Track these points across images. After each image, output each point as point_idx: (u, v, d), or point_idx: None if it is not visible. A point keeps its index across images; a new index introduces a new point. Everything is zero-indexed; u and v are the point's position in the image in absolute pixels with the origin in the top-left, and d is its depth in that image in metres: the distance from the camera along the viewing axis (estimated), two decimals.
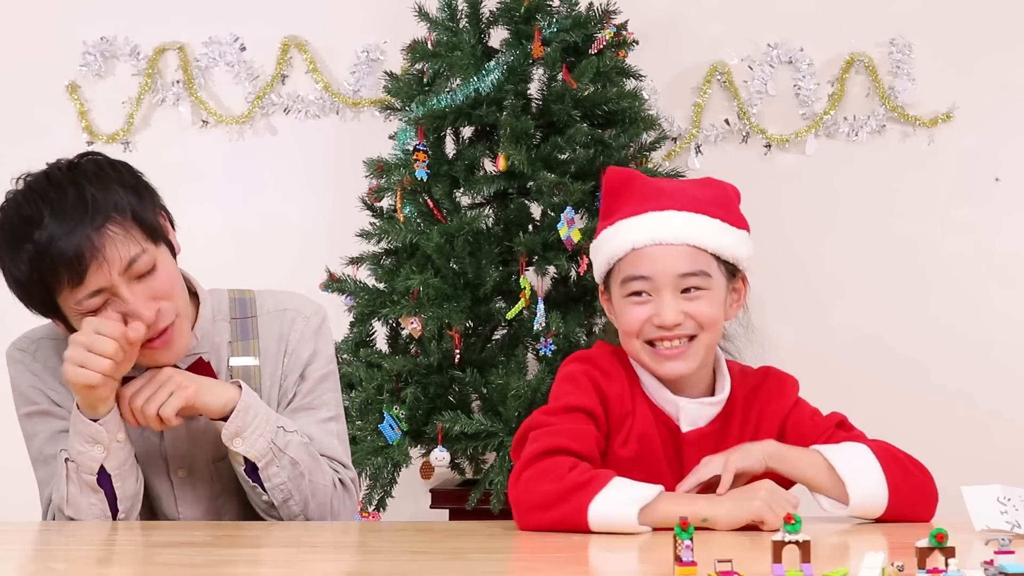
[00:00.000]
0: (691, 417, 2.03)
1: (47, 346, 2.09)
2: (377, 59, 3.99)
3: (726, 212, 2.05)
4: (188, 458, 2.07)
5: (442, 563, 1.64)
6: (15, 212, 1.97)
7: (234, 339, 2.09)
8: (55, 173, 2.02)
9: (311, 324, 2.14)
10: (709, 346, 2.02)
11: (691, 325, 1.99)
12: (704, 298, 1.99)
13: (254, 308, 2.13)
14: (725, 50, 3.97)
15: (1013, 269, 3.89)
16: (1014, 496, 1.77)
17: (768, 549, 1.39)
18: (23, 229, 1.92)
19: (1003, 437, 3.82)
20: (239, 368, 2.07)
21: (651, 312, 1.99)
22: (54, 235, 1.88)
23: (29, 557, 1.76)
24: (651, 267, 1.99)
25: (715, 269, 2.01)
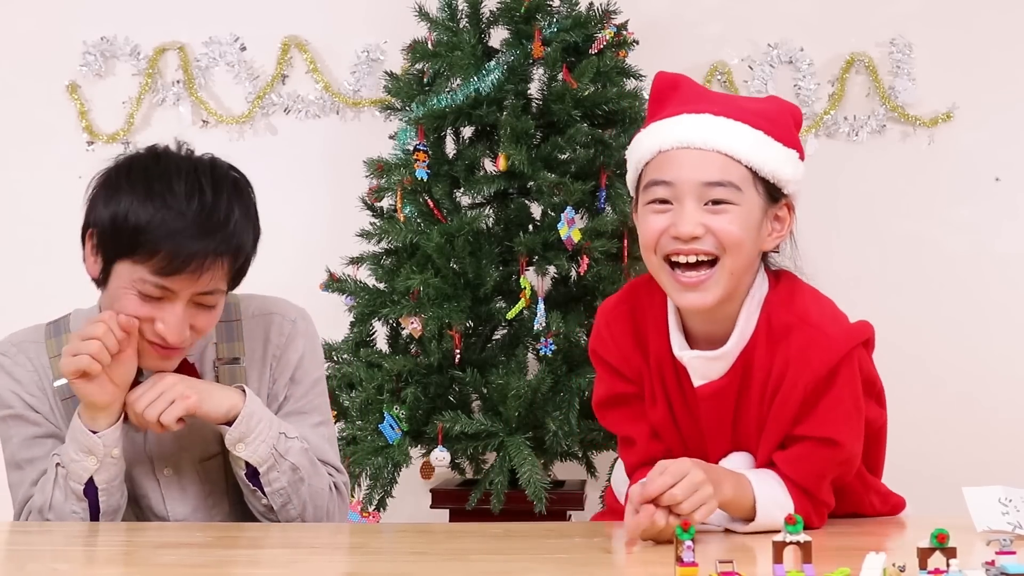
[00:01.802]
0: (700, 371, 1.87)
1: (28, 349, 2.09)
2: (377, 59, 3.99)
3: (773, 126, 1.86)
4: (174, 457, 2.07)
5: (443, 564, 1.64)
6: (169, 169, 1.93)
7: (219, 340, 2.10)
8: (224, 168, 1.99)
9: (297, 327, 2.13)
10: (734, 274, 1.81)
11: (711, 242, 1.79)
12: (731, 213, 1.80)
13: (238, 312, 2.12)
14: (725, 50, 3.97)
15: (1013, 269, 3.89)
16: (1015, 497, 1.77)
17: (769, 550, 1.39)
18: (165, 190, 1.89)
19: (1004, 438, 3.82)
20: (225, 369, 2.08)
21: (670, 222, 1.80)
22: (186, 224, 1.88)
23: (31, 557, 1.76)
24: (675, 172, 1.80)
25: (749, 185, 1.81)
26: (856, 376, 1.88)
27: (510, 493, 3.15)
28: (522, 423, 3.20)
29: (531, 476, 3.08)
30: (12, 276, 4.02)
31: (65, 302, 2.23)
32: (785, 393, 1.84)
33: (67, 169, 4.06)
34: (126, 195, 1.91)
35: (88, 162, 4.02)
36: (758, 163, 1.82)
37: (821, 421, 1.85)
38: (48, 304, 2.20)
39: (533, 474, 3.08)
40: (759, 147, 1.83)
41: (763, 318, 1.87)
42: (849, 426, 1.88)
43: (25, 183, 4.04)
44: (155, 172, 1.92)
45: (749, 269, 1.86)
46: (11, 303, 4.00)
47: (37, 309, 4.16)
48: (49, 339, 2.10)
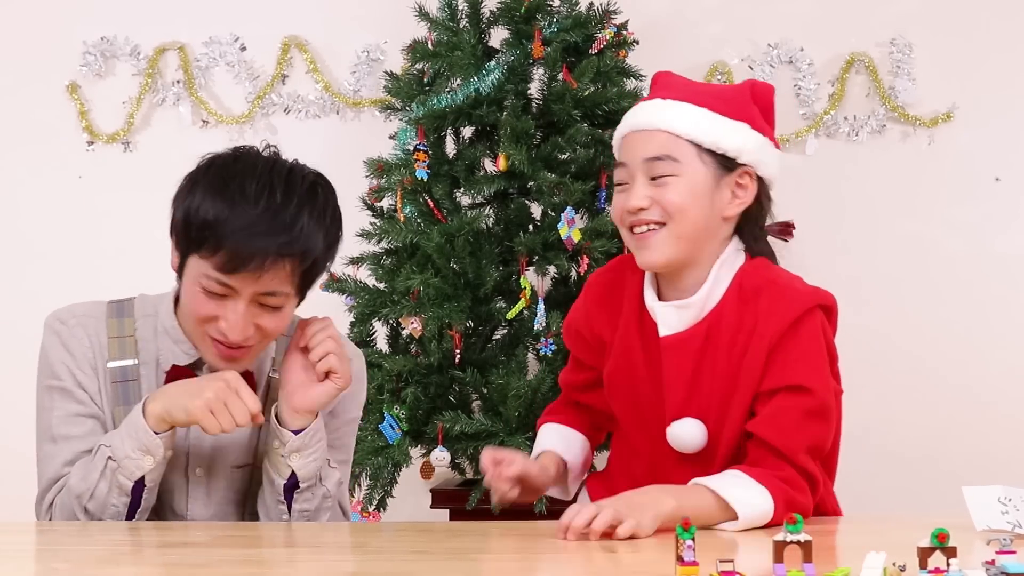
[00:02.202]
0: (667, 321, 1.99)
1: (87, 324, 2.07)
2: (377, 59, 3.99)
3: (721, 103, 2.00)
4: (207, 459, 2.07)
5: (443, 563, 1.64)
6: (245, 169, 1.95)
7: (278, 354, 2.10)
8: (303, 171, 2.03)
9: (354, 365, 2.13)
10: (682, 238, 1.96)
11: (657, 211, 1.96)
12: (672, 184, 1.96)
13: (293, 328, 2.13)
14: (725, 50, 3.97)
15: (1013, 269, 3.89)
16: (1015, 496, 1.77)
17: (770, 549, 1.39)
18: (237, 189, 1.91)
19: (1005, 437, 3.82)
20: (276, 381, 2.08)
21: (627, 198, 1.99)
22: (250, 223, 1.89)
23: (30, 557, 1.76)
24: (627, 154, 2.00)
25: (692, 157, 1.96)
26: (819, 330, 1.99)
27: None
28: (522, 423, 3.20)
29: None
30: (12, 276, 4.02)
31: (65, 302, 2.23)
32: (754, 348, 1.94)
33: (67, 169, 4.07)
34: (201, 191, 1.94)
35: (88, 162, 4.06)
36: (699, 136, 1.97)
37: (789, 369, 1.93)
38: (48, 304, 2.19)
39: None
40: (700, 122, 1.98)
41: (735, 282, 2.00)
42: (817, 373, 1.96)
43: (25, 183, 4.05)
44: (232, 171, 1.94)
45: (708, 235, 2.00)
46: (11, 303, 4.00)
47: (37, 309, 4.16)
48: (111, 318, 2.08)
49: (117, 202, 4.00)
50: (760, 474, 1.86)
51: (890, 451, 3.89)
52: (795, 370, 1.93)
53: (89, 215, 4.05)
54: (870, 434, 3.90)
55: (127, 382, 2.04)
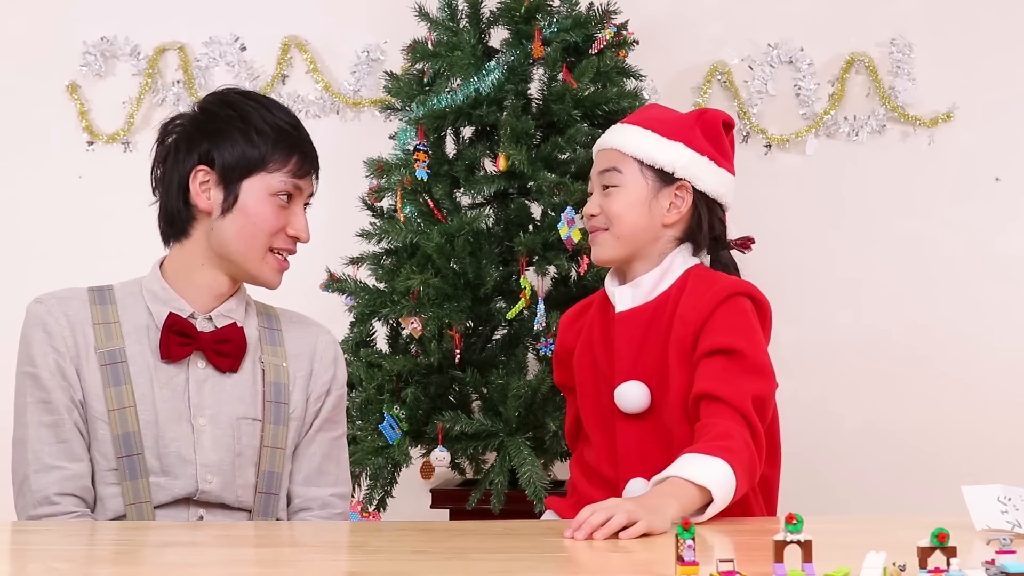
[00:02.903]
0: (623, 299, 2.30)
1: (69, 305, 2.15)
2: (377, 59, 3.99)
3: (667, 128, 2.31)
4: (210, 409, 2.14)
5: (443, 563, 1.64)
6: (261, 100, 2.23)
7: (262, 341, 2.23)
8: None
9: (330, 339, 2.32)
10: (621, 239, 2.28)
11: (602, 218, 2.29)
12: (614, 195, 2.29)
13: (278, 323, 2.28)
14: (725, 50, 3.98)
15: (1013, 269, 3.89)
16: (1014, 496, 1.77)
17: (770, 549, 1.39)
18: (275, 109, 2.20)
19: (1004, 437, 3.82)
20: (270, 364, 2.21)
21: None
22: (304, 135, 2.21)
23: (29, 557, 1.76)
24: (592, 169, 2.36)
25: (634, 171, 2.28)
26: (747, 309, 2.20)
27: (510, 493, 3.15)
28: (522, 423, 3.20)
29: (531, 476, 3.08)
30: (12, 276, 4.02)
31: None
32: (687, 320, 2.19)
33: (67, 169, 4.07)
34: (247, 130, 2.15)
35: (88, 162, 4.06)
36: (638, 152, 2.29)
37: (720, 335, 2.15)
38: None
39: (533, 474, 3.08)
40: (641, 141, 2.30)
41: (683, 276, 2.27)
42: (746, 337, 2.16)
43: (25, 183, 4.05)
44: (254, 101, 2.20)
45: (649, 237, 2.29)
46: (11, 303, 4.00)
47: None
48: (94, 304, 2.17)
49: (117, 202, 3.99)
50: (704, 447, 2.00)
51: (890, 451, 3.89)
52: (726, 335, 2.15)
53: (89, 215, 4.05)
54: (870, 434, 3.90)
55: (116, 364, 2.11)
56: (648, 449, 2.21)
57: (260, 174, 2.14)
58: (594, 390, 2.32)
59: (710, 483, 1.92)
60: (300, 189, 2.19)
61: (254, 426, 2.16)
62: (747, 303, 2.21)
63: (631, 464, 2.22)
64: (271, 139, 2.15)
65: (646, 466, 2.16)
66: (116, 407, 2.09)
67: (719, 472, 1.95)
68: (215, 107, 2.19)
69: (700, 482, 1.92)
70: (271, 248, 2.17)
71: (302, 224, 2.20)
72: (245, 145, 2.14)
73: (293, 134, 2.17)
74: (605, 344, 2.30)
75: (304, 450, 2.24)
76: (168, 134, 2.18)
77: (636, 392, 2.23)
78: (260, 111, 2.18)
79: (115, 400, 2.10)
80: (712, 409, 2.09)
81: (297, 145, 2.17)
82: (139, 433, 2.09)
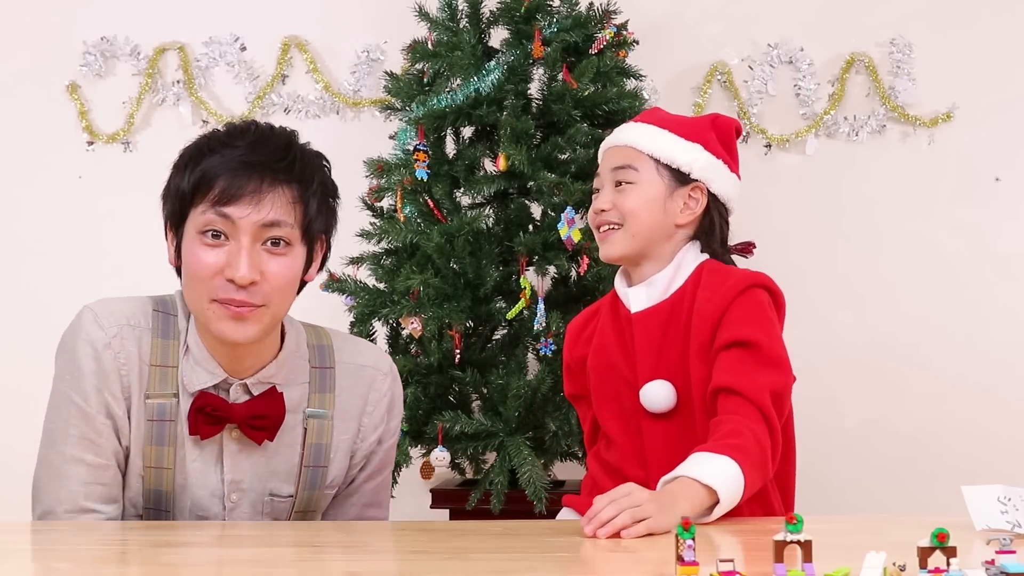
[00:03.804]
0: (637, 299, 2.28)
1: (128, 337, 1.96)
2: (377, 59, 3.99)
3: (685, 129, 2.31)
4: (245, 485, 2.02)
5: (443, 563, 1.64)
6: (226, 128, 1.98)
7: (312, 390, 2.05)
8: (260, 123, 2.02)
9: (387, 382, 2.12)
10: (636, 236, 2.26)
11: (615, 214, 2.27)
12: (629, 191, 2.27)
13: (332, 358, 2.08)
14: (725, 50, 3.97)
15: (1013, 269, 3.89)
16: (1014, 496, 1.77)
17: (770, 549, 1.39)
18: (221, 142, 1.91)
19: (1004, 437, 3.82)
20: (315, 422, 2.05)
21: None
22: (242, 152, 1.88)
23: (29, 557, 1.76)
24: (602, 165, 2.33)
25: (650, 169, 2.27)
26: (764, 301, 2.20)
27: (510, 493, 3.15)
28: (522, 423, 3.20)
29: (531, 476, 3.08)
30: (12, 276, 4.02)
31: (65, 302, 2.23)
32: (705, 315, 2.18)
33: (67, 169, 4.07)
34: (182, 164, 1.93)
35: (88, 162, 4.06)
36: (656, 151, 2.28)
37: (736, 327, 2.15)
38: (48, 304, 2.20)
39: (533, 474, 3.08)
40: (659, 140, 2.29)
41: (695, 272, 2.26)
42: (764, 329, 2.16)
43: (25, 183, 4.05)
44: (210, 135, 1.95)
45: (662, 236, 2.27)
46: (11, 303, 4.00)
47: (37, 309, 4.18)
48: (156, 337, 1.98)
49: (117, 202, 4.00)
50: (714, 445, 1.98)
51: (890, 450, 3.89)
52: (742, 328, 2.14)
53: (89, 215, 4.05)
54: (870, 433, 3.90)
55: (164, 422, 1.97)
56: (677, 447, 2.16)
57: (191, 213, 1.89)
58: (615, 393, 2.28)
59: (716, 483, 1.90)
60: (231, 220, 1.86)
61: (286, 501, 2.05)
62: (764, 295, 2.21)
63: (661, 463, 2.16)
64: (198, 168, 1.88)
65: (676, 464, 2.07)
66: (153, 465, 1.98)
67: (727, 471, 1.92)
68: (183, 148, 1.98)
69: (706, 481, 1.90)
70: (213, 297, 1.89)
71: (239, 261, 1.85)
72: (175, 182, 1.91)
73: (223, 155, 1.88)
74: (622, 346, 2.28)
75: (343, 501, 2.13)
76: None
77: (662, 391, 2.21)
78: (205, 139, 1.93)
79: (154, 458, 1.97)
80: (729, 404, 2.07)
81: (224, 167, 1.86)
82: (172, 494, 1.99)
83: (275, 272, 1.89)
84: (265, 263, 1.89)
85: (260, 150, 1.89)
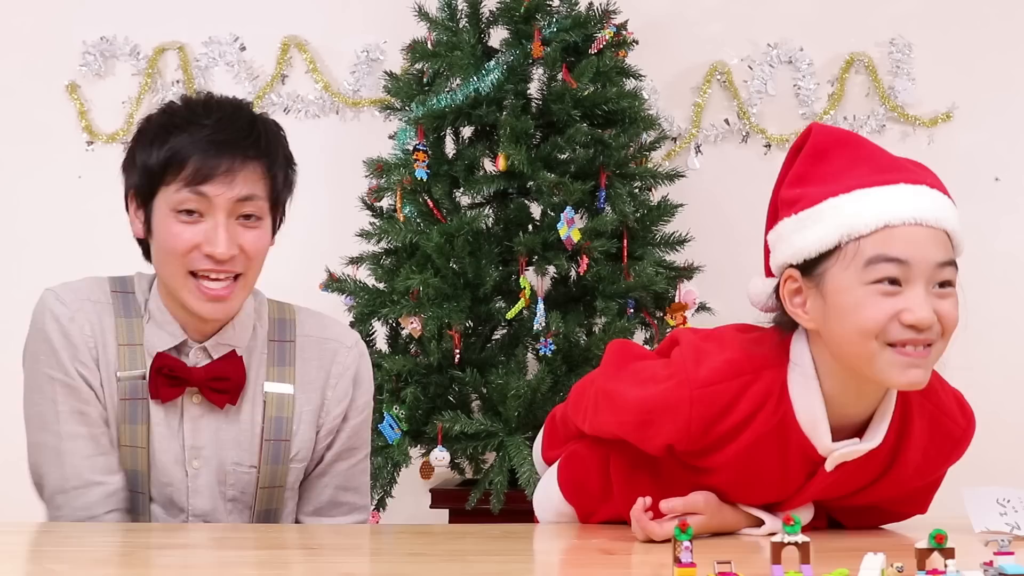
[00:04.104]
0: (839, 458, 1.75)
1: (90, 311, 2.02)
2: (377, 59, 3.99)
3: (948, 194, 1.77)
4: (207, 452, 2.03)
5: (442, 564, 1.64)
6: (185, 103, 2.01)
7: (270, 363, 2.07)
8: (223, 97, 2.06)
9: (352, 355, 2.12)
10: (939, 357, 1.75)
11: (936, 330, 1.69)
12: (953, 297, 1.69)
13: (293, 332, 2.10)
14: (725, 50, 3.97)
15: (1013, 269, 3.89)
16: (1013, 498, 1.77)
17: (767, 550, 1.39)
18: (185, 119, 1.95)
19: (1003, 438, 3.82)
20: (274, 395, 2.05)
21: (902, 306, 1.64)
22: (211, 131, 1.92)
23: (29, 557, 1.76)
24: (910, 251, 1.64)
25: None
26: None
27: (510, 493, 3.15)
28: (522, 423, 3.19)
29: (531, 476, 3.07)
30: (11, 276, 4.02)
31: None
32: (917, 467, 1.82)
33: (67, 169, 4.06)
34: (147, 140, 1.96)
35: (88, 162, 4.06)
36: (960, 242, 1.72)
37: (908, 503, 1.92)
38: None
39: (533, 474, 3.07)
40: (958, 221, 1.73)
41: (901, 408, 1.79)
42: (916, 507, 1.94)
43: (25, 183, 4.04)
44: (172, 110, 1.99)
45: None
46: (10, 303, 4.00)
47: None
48: (119, 317, 2.03)
49: (117, 202, 3.97)
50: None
51: None
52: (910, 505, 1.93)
53: (89, 215, 4.05)
54: None
55: (136, 400, 2.00)
56: None
57: (161, 189, 1.94)
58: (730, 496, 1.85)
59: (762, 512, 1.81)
60: (207, 198, 1.92)
61: (250, 473, 2.04)
62: None
63: None
64: (166, 145, 1.92)
65: None
66: (128, 444, 1.99)
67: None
68: (142, 121, 2.02)
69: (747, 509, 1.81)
70: (191, 272, 1.95)
71: (218, 237, 1.91)
72: (143, 157, 1.96)
73: (192, 134, 1.92)
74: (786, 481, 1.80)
75: (314, 482, 2.12)
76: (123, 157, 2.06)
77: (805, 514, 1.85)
78: (171, 115, 1.97)
79: (128, 437, 1.99)
80: None
81: (198, 144, 1.91)
82: (147, 475, 2.00)
83: (251, 243, 1.96)
84: (240, 236, 1.95)
85: (227, 128, 1.94)
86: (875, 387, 1.74)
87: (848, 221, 1.66)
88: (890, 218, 1.66)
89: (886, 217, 1.65)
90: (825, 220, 1.68)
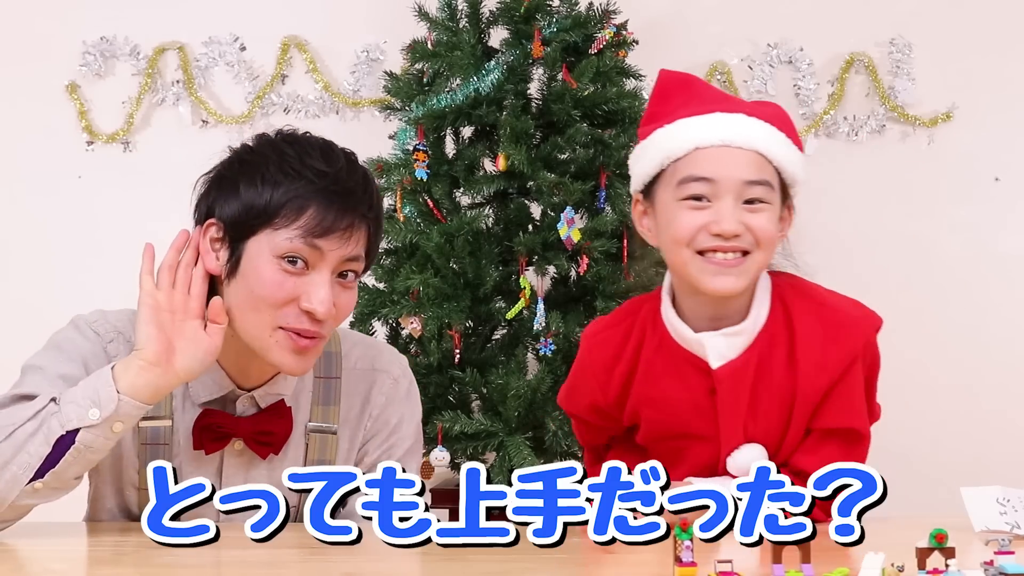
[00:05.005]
0: (719, 351, 1.91)
1: (121, 343, 1.89)
2: (377, 59, 3.99)
3: (788, 129, 1.96)
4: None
5: (442, 563, 1.64)
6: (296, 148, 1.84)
7: (315, 402, 1.98)
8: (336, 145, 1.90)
9: (399, 387, 2.03)
10: (761, 267, 1.90)
11: (748, 239, 1.86)
12: (765, 212, 1.88)
13: (339, 367, 2.00)
14: (725, 50, 3.97)
15: (1013, 269, 3.89)
16: (1013, 497, 1.77)
17: (768, 549, 1.39)
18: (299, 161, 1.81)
19: (1003, 438, 3.82)
20: (317, 437, 1.98)
21: (709, 219, 1.85)
22: (331, 184, 1.79)
23: (28, 557, 1.76)
24: (716, 169, 1.86)
25: (776, 184, 1.91)
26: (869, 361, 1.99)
27: None
28: (522, 423, 3.19)
29: None
30: (11, 276, 4.02)
31: (65, 302, 2.23)
32: (812, 383, 1.91)
33: (67, 169, 4.07)
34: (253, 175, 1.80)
35: (88, 162, 4.06)
36: (784, 164, 1.92)
37: (840, 412, 1.93)
38: (48, 304, 2.20)
39: None
40: (783, 148, 1.93)
41: (775, 301, 1.94)
42: (864, 411, 1.98)
43: (25, 183, 4.05)
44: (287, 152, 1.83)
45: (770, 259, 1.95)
46: (10, 303, 4.00)
47: (36, 309, 4.16)
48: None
49: (117, 202, 4.00)
50: None
51: (889, 451, 3.86)
52: (848, 416, 1.94)
53: (89, 215, 4.05)
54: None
55: (157, 445, 1.90)
56: None
57: (266, 231, 1.79)
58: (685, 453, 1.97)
59: None
60: (320, 251, 1.79)
61: None
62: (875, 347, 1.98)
63: None
64: (282, 187, 1.78)
65: None
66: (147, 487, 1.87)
67: None
68: (241, 150, 1.86)
69: None
70: (280, 325, 1.80)
71: (320, 295, 1.78)
72: (250, 194, 1.79)
73: (313, 181, 1.78)
74: (696, 404, 1.94)
75: None
76: (206, 177, 1.89)
77: (757, 455, 1.91)
78: (284, 154, 1.81)
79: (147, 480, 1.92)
80: None
81: (320, 195, 1.78)
82: None
83: (344, 304, 1.85)
84: (337, 295, 1.83)
85: (346, 180, 1.82)
86: None
87: (667, 146, 1.90)
88: (699, 141, 1.87)
89: (696, 141, 1.87)
90: (653, 148, 1.93)
